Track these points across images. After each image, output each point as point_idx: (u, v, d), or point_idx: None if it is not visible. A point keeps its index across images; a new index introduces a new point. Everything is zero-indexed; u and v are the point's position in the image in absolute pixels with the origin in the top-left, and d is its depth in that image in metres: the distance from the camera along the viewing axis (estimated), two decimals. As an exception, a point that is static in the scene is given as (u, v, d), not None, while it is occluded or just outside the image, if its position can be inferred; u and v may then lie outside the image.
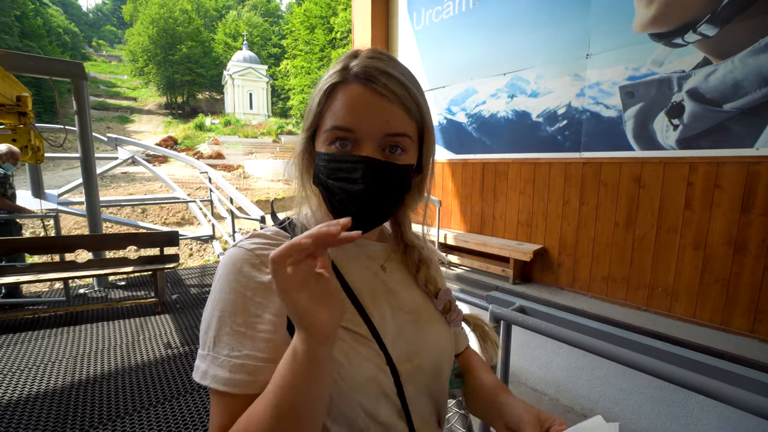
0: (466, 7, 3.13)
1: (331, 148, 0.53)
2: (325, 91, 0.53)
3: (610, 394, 2.21)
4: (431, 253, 0.71)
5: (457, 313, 0.66)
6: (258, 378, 0.46)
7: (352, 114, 0.51)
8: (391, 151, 0.53)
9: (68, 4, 65.32)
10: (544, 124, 2.70)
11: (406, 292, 0.63)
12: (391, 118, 0.51)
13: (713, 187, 2.02)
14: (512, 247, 2.78)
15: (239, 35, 45.22)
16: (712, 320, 2.06)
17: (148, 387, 2.39)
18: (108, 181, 17.85)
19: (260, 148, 28.93)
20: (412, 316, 0.61)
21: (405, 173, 0.55)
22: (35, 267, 3.44)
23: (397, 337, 0.56)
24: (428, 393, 0.60)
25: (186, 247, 11.18)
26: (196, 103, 43.68)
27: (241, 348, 0.47)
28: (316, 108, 0.54)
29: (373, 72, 0.51)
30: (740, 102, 1.89)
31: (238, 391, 0.46)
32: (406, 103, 0.52)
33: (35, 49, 29.81)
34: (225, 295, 0.50)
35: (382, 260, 0.64)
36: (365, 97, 0.51)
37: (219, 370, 0.47)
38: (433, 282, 0.66)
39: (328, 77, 0.54)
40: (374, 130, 0.51)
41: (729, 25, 1.90)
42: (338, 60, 0.55)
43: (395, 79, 0.51)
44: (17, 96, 3.23)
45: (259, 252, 0.53)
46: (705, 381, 1.02)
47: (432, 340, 0.61)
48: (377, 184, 0.52)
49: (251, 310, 0.49)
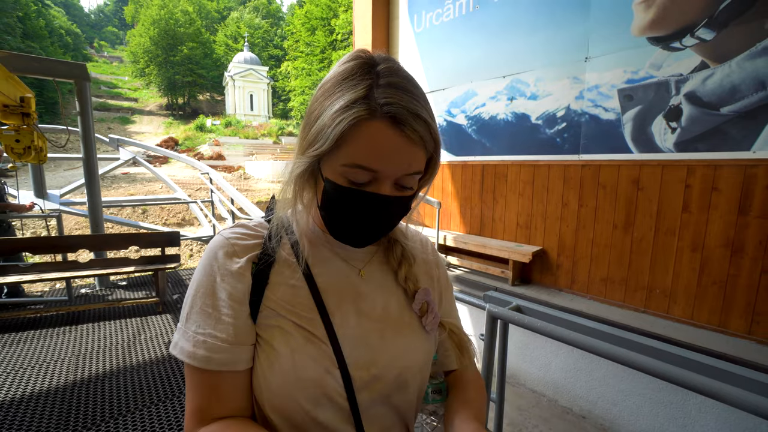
0: (466, 10, 3.15)
1: (345, 182, 0.51)
2: (350, 124, 0.47)
3: (609, 395, 2.22)
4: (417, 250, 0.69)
5: (434, 315, 0.63)
6: (214, 355, 0.51)
7: (379, 156, 0.48)
8: (402, 188, 0.53)
9: (70, 5, 65.55)
10: (543, 126, 2.72)
11: (381, 297, 0.61)
12: (414, 160, 0.51)
13: (711, 189, 2.04)
14: (511, 248, 2.80)
15: (240, 37, 45.38)
16: (710, 322, 2.08)
17: (149, 386, 2.40)
18: (109, 182, 17.88)
19: (261, 149, 28.98)
20: (380, 324, 0.59)
21: (408, 201, 0.56)
22: (37, 267, 3.46)
23: (358, 343, 0.56)
24: (390, 404, 0.58)
25: (186, 248, 11.20)
26: (197, 104, 43.79)
27: (205, 327, 0.52)
28: (333, 132, 0.48)
29: (403, 113, 0.47)
30: (737, 105, 1.90)
31: (196, 364, 0.51)
32: (427, 143, 0.51)
33: (37, 50, 29.91)
34: (200, 278, 0.55)
35: (360, 262, 0.63)
36: (393, 140, 0.48)
37: (185, 344, 0.52)
38: (414, 279, 0.64)
39: (349, 103, 0.47)
40: (396, 171, 0.50)
41: (726, 30, 1.92)
42: (352, 73, 0.50)
43: (422, 120, 0.49)
44: (21, 97, 3.26)
45: (234, 241, 0.57)
46: (703, 380, 1.03)
47: (397, 350, 0.58)
48: (386, 217, 0.54)
49: (218, 294, 0.53)
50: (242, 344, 0.53)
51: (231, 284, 0.54)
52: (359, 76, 0.49)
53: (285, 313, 0.55)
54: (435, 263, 0.73)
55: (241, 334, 0.53)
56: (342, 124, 0.47)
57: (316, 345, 0.53)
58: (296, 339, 0.53)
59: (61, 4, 59.81)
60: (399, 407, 0.60)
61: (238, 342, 0.52)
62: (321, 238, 0.61)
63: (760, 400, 0.94)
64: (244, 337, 0.53)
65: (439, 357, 0.69)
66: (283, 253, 0.58)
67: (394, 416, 0.60)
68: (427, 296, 0.63)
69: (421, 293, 0.63)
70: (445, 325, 0.68)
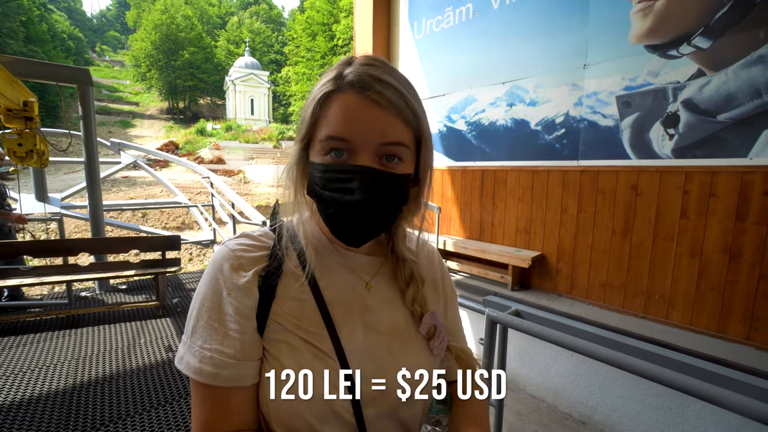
0: (466, 17, 3.19)
1: (326, 158, 0.52)
2: (319, 101, 0.51)
3: (608, 401, 2.22)
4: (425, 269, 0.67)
5: (441, 340, 0.61)
6: (221, 372, 0.50)
7: (346, 123, 0.49)
8: (388, 160, 0.51)
9: (73, 10, 65.98)
10: (542, 132, 2.75)
11: (388, 311, 0.60)
12: (387, 127, 0.50)
13: (708, 195, 2.06)
14: (511, 253, 2.81)
15: (242, 41, 45.65)
16: (709, 327, 2.09)
17: (149, 389, 2.40)
18: (109, 185, 17.89)
19: (261, 153, 29.05)
20: (387, 337, 0.58)
21: (402, 183, 0.53)
22: (38, 270, 3.46)
23: (365, 358, 0.55)
24: (396, 418, 0.58)
25: (186, 252, 11.19)
26: (197, 108, 43.95)
27: (212, 342, 0.51)
28: (309, 118, 0.53)
29: (367, 79, 0.49)
30: (734, 113, 1.93)
31: (203, 381, 0.50)
32: (402, 110, 0.50)
33: (39, 54, 30.08)
34: (205, 290, 0.54)
35: (367, 274, 0.62)
36: (360, 106, 0.49)
37: (192, 359, 0.51)
38: (421, 302, 0.62)
39: (321, 86, 0.52)
40: (370, 139, 0.49)
41: (722, 38, 1.95)
42: (331, 68, 0.53)
43: (390, 86, 0.50)
44: (24, 101, 3.28)
45: (240, 254, 0.56)
46: (702, 385, 1.03)
47: (404, 364, 0.57)
48: (374, 195, 0.50)
49: (224, 309, 0.52)
50: (249, 360, 0.52)
51: (238, 299, 0.53)
52: (335, 68, 0.53)
53: (292, 328, 0.54)
54: (440, 273, 0.72)
55: (248, 349, 0.52)
56: (313, 103, 0.52)
57: (323, 361, 0.52)
58: (304, 357, 0.52)
59: (63, 8, 60.22)
60: (405, 421, 0.59)
61: (245, 358, 0.52)
62: (328, 247, 0.60)
63: (759, 405, 0.94)
64: (251, 353, 0.52)
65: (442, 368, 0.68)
66: (290, 265, 0.57)
67: (400, 429, 0.59)
68: (435, 320, 0.61)
69: (428, 317, 0.61)
70: (453, 349, 0.65)
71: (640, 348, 1.99)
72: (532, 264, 2.73)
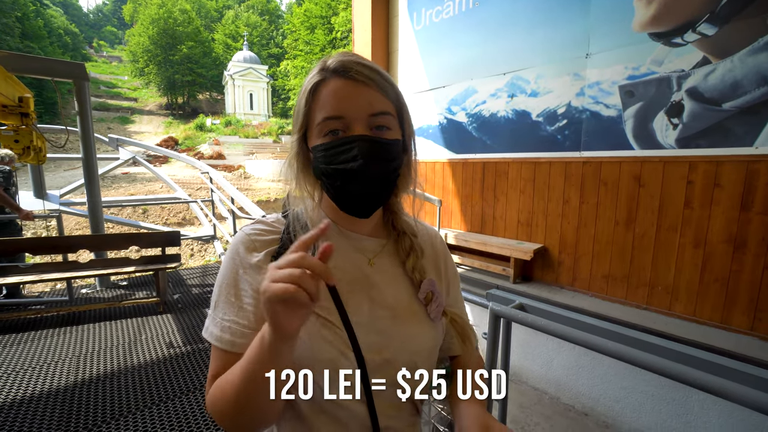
0: (466, 6, 3.14)
1: (326, 138, 0.58)
2: (310, 90, 0.59)
3: (611, 392, 2.22)
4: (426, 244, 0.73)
5: (438, 304, 0.67)
6: (238, 340, 0.57)
7: (338, 103, 0.57)
8: (378, 130, 0.59)
9: (69, 5, 65.40)
10: (544, 123, 2.71)
11: (391, 288, 0.66)
12: (372, 99, 0.58)
13: (713, 185, 2.03)
14: (513, 246, 2.79)
15: (239, 36, 45.26)
16: (712, 318, 2.07)
17: (150, 386, 2.40)
18: (109, 182, 17.87)
19: (261, 148, 28.95)
20: (390, 312, 0.63)
21: (395, 146, 0.60)
22: (38, 267, 3.45)
23: (370, 329, 0.60)
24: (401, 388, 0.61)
25: (187, 248, 11.20)
26: (196, 104, 43.71)
27: (230, 314, 0.59)
28: (304, 108, 0.60)
29: (348, 64, 0.58)
30: (739, 101, 1.89)
31: (222, 347, 0.58)
32: (381, 85, 0.59)
33: (36, 50, 29.86)
34: (225, 270, 0.62)
35: (371, 253, 0.67)
36: (347, 87, 0.57)
37: (214, 329, 0.59)
38: (420, 270, 0.68)
39: (309, 79, 0.60)
40: (360, 112, 0.57)
41: (728, 25, 1.91)
42: (314, 66, 0.62)
43: (367, 67, 0.58)
44: (19, 97, 3.25)
45: (254, 237, 0.63)
46: (706, 377, 1.02)
47: (407, 337, 0.62)
48: (374, 158, 0.57)
49: (240, 285, 0.60)
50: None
51: (252, 276, 0.60)
52: (318, 65, 0.61)
53: None
54: (443, 256, 0.76)
55: (260, 321, 0.57)
56: (305, 94, 0.59)
57: (332, 330, 0.58)
58: (313, 324, 0.58)
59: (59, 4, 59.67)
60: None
61: (258, 328, 0.55)
62: (334, 230, 0.66)
63: (763, 396, 0.93)
64: (263, 324, 0.56)
65: (444, 343, 0.72)
66: None
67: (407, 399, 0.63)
68: (432, 286, 0.67)
69: (426, 283, 0.67)
70: (448, 313, 0.71)
71: (643, 340, 1.98)
72: (534, 256, 2.71)
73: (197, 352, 2.84)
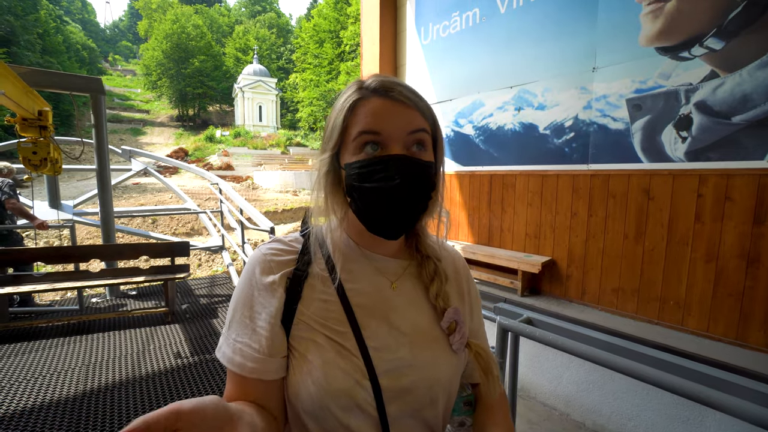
0: (473, 21, 3.19)
1: (361, 155, 0.57)
2: (349, 108, 0.58)
3: (623, 409, 2.17)
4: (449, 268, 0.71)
5: (462, 335, 0.64)
6: (249, 364, 0.55)
7: (376, 119, 0.56)
8: (418, 149, 0.58)
9: (87, 21, 67.65)
10: (551, 136, 2.72)
11: (412, 312, 0.63)
12: (411, 118, 0.58)
13: (724, 199, 2.01)
14: (520, 258, 2.78)
15: (250, 49, 46.27)
16: (727, 335, 2.02)
17: (158, 396, 2.41)
18: (120, 192, 18.17)
19: (269, 159, 29.27)
20: (409, 338, 0.61)
21: (430, 168, 0.60)
22: (50, 276, 3.51)
23: (387, 355, 0.58)
24: (419, 418, 0.60)
25: (195, 258, 11.28)
26: (206, 116, 44.55)
27: (243, 336, 0.57)
28: (341, 124, 0.59)
29: (389, 84, 0.58)
30: (749, 114, 1.88)
31: (233, 369, 0.56)
32: (419, 106, 0.59)
33: (55, 65, 30.80)
34: (241, 289, 0.61)
35: (393, 275, 0.65)
36: (386, 105, 0.57)
37: (227, 349, 0.58)
38: (444, 297, 0.65)
39: (346, 98, 0.59)
40: (398, 131, 0.57)
41: (736, 39, 1.91)
42: (348, 86, 0.61)
43: (406, 88, 0.59)
44: (39, 110, 3.35)
45: (271, 258, 0.62)
46: (721, 396, 1.00)
47: (426, 364, 0.60)
48: (411, 179, 0.56)
49: (255, 307, 0.59)
50: (273, 356, 0.56)
51: (266, 298, 0.59)
52: (353, 84, 0.61)
53: (318, 327, 0.58)
54: (465, 278, 0.75)
55: (272, 347, 0.57)
56: (343, 111, 0.58)
57: (347, 358, 0.56)
58: (328, 352, 0.56)
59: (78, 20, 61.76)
60: (428, 421, 0.61)
61: (270, 354, 0.56)
62: (355, 251, 0.65)
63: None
64: (275, 350, 0.57)
65: (467, 370, 0.70)
66: (317, 268, 0.62)
67: (423, 429, 0.61)
68: (456, 316, 0.64)
69: (451, 312, 0.64)
70: (472, 346, 0.67)
71: (654, 356, 1.94)
72: (542, 269, 2.69)
73: (205, 363, 2.85)
